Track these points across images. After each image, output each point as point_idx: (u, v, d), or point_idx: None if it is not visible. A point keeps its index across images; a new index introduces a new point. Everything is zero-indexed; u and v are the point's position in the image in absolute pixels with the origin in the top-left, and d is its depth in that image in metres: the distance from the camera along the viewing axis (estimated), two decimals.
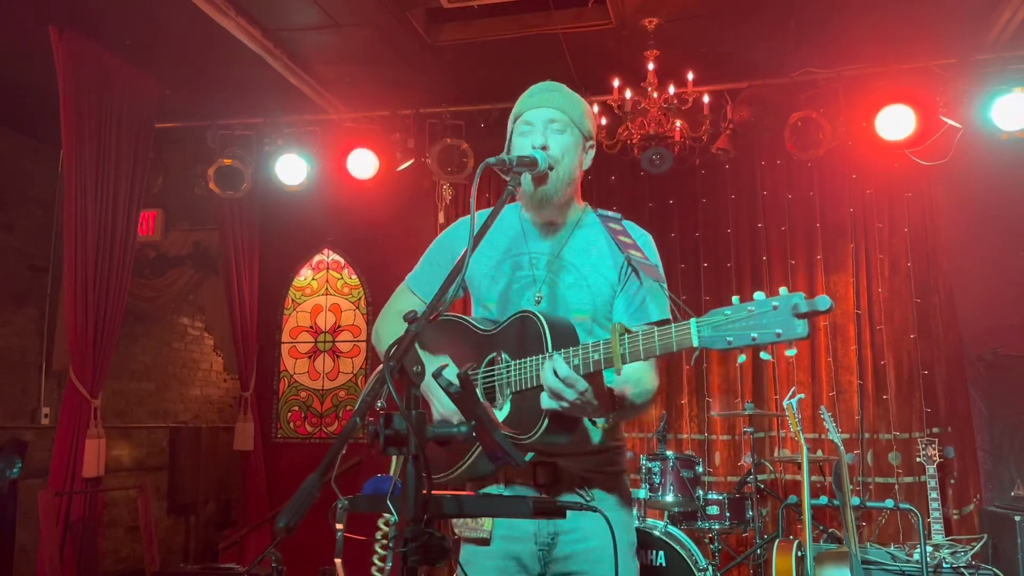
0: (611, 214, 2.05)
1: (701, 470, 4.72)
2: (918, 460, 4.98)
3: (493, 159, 1.84)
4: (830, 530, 4.99)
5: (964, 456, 5.46)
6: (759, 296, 1.41)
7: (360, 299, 6.92)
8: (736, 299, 1.43)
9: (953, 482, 5.43)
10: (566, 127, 1.99)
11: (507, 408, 1.81)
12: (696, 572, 4.04)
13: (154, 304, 7.04)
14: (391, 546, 1.34)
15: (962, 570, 4.23)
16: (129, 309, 5.59)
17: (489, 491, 1.95)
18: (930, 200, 5.81)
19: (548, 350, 1.72)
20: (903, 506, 4.52)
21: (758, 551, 4.82)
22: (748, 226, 6.14)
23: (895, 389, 5.68)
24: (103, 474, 5.15)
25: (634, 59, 5.17)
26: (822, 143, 5.31)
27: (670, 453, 4.67)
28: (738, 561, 5.04)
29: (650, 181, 6.16)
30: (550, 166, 1.93)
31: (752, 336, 1.38)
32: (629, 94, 5.06)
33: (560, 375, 1.64)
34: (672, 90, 5.05)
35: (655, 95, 5.02)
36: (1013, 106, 4.97)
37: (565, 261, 2.00)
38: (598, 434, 1.95)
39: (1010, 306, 5.47)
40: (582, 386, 1.64)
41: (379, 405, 1.48)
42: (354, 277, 6.97)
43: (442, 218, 6.50)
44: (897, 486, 5.56)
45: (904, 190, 5.85)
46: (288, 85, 5.59)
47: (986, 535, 4.94)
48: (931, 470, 4.79)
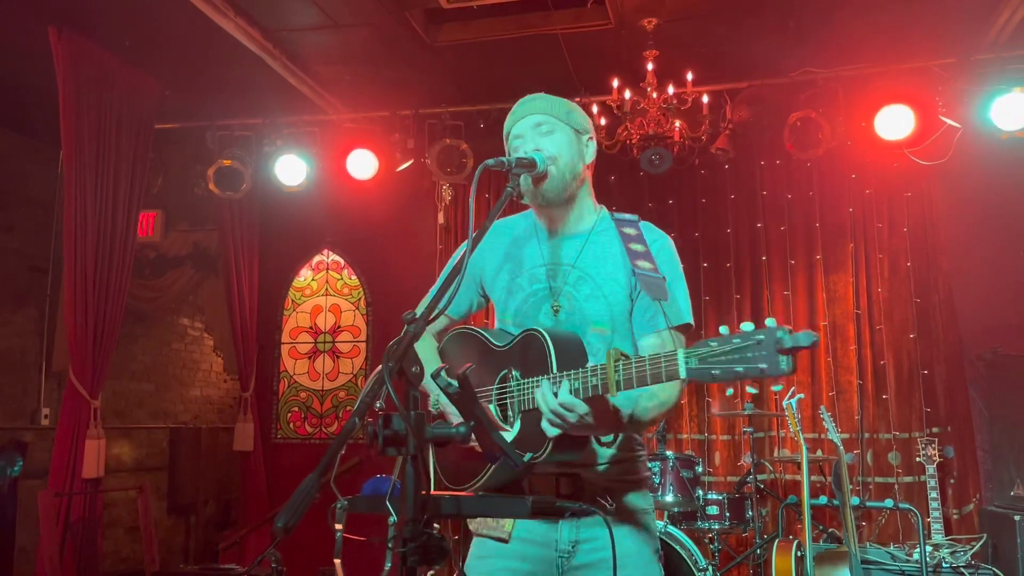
0: (627, 217, 2.04)
1: (701, 470, 4.72)
2: (918, 460, 4.98)
3: (492, 161, 1.84)
4: (830, 530, 4.99)
5: (964, 456, 5.46)
6: (746, 327, 1.40)
7: (360, 299, 6.92)
8: (724, 329, 1.43)
9: (953, 482, 5.43)
10: (554, 127, 1.99)
11: (518, 426, 1.81)
12: (696, 572, 4.05)
13: (154, 305, 7.04)
14: (390, 546, 1.34)
15: (962, 570, 4.23)
16: (129, 310, 5.59)
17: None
18: (929, 200, 5.81)
19: (552, 370, 1.72)
20: (903, 506, 4.52)
21: (758, 551, 4.82)
22: (748, 226, 6.14)
23: (895, 389, 5.68)
24: (103, 475, 5.15)
25: (633, 59, 5.17)
26: (821, 143, 5.31)
27: (670, 453, 4.68)
28: (738, 561, 5.04)
29: (649, 181, 6.16)
30: (549, 164, 1.93)
31: (737, 371, 1.38)
32: (628, 94, 5.06)
33: (559, 400, 1.64)
34: (671, 90, 5.06)
35: (654, 95, 5.02)
36: (1012, 106, 4.97)
37: (581, 271, 1.99)
38: (610, 449, 1.94)
39: (1010, 306, 5.47)
40: (582, 409, 1.64)
41: (378, 406, 1.48)
42: (354, 278, 6.97)
43: (442, 218, 6.50)
44: (897, 486, 5.56)
45: (903, 190, 5.85)
46: (287, 86, 5.59)
47: (986, 535, 4.94)
48: (931, 470, 4.79)
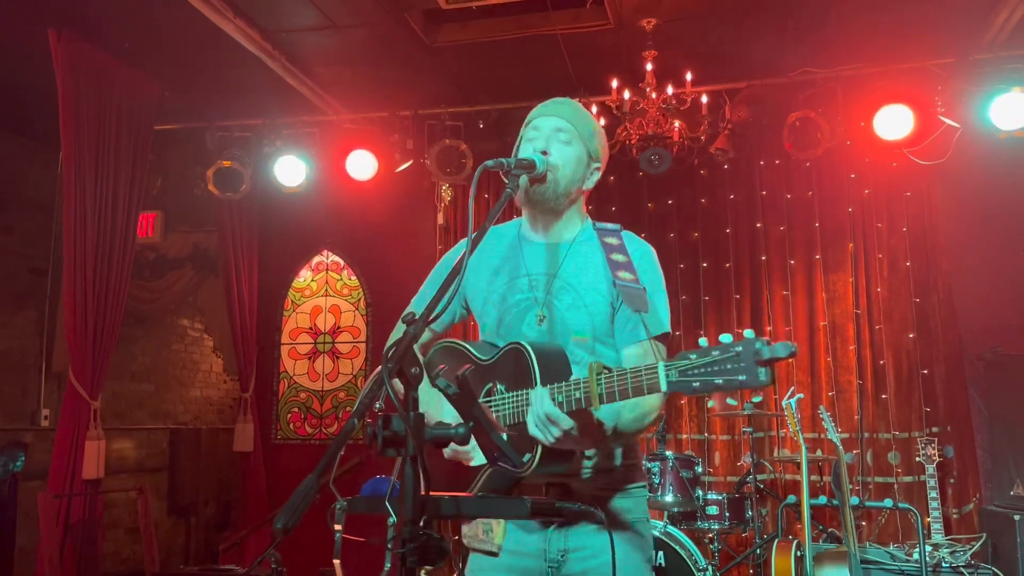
0: (609, 227, 2.03)
1: (700, 470, 4.72)
2: (917, 459, 4.98)
3: (491, 161, 1.83)
4: (829, 530, 5.00)
5: (963, 455, 5.46)
6: (725, 339, 1.41)
7: (359, 300, 6.92)
8: (703, 341, 1.45)
9: (952, 481, 5.43)
10: (572, 139, 1.98)
11: (504, 439, 1.81)
12: (696, 572, 4.05)
13: (154, 306, 7.04)
14: (389, 547, 1.34)
15: (961, 569, 4.24)
16: (129, 311, 5.59)
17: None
18: (929, 199, 5.81)
19: (536, 384, 1.72)
20: (902, 506, 4.52)
21: (757, 551, 4.82)
22: (747, 226, 6.14)
23: (894, 389, 5.68)
24: (103, 476, 5.15)
25: (632, 59, 5.17)
26: (821, 143, 5.31)
27: (669, 453, 4.68)
28: (737, 561, 5.04)
29: (649, 181, 6.17)
30: (548, 171, 1.93)
31: (716, 383, 1.40)
32: (627, 94, 5.06)
33: (545, 412, 1.64)
34: (670, 90, 5.06)
35: (653, 95, 5.02)
36: (1011, 105, 4.98)
37: (563, 281, 1.98)
38: (591, 462, 1.93)
39: (1009, 305, 5.47)
40: (566, 424, 1.64)
41: (377, 406, 1.48)
42: (353, 278, 6.97)
43: (441, 219, 6.51)
44: (896, 486, 5.56)
45: (903, 189, 5.85)
46: (287, 86, 5.59)
47: (985, 534, 4.94)
48: (930, 469, 4.79)
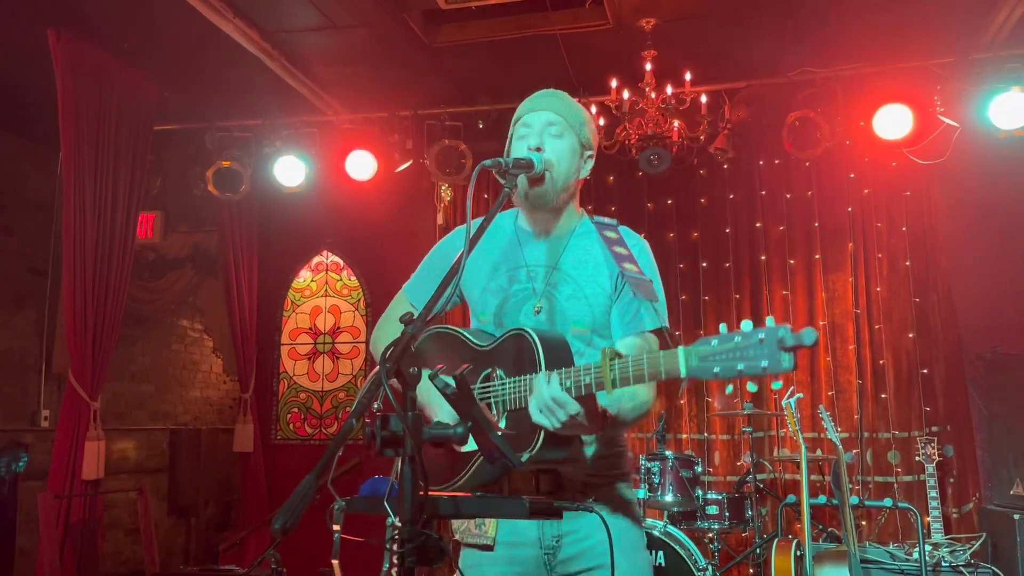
0: (607, 221, 2.04)
1: (700, 470, 4.73)
2: (917, 459, 4.99)
3: (489, 161, 1.84)
4: (829, 529, 5.00)
5: (963, 455, 5.46)
6: (746, 326, 1.41)
7: (359, 300, 6.92)
8: (723, 327, 1.44)
9: (952, 481, 5.43)
10: (564, 131, 1.99)
11: (503, 425, 1.81)
12: (696, 572, 4.05)
13: (154, 306, 7.04)
14: (388, 547, 1.34)
15: (961, 569, 4.24)
16: (129, 311, 5.59)
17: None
18: (928, 199, 5.81)
19: (541, 369, 1.71)
20: (902, 505, 4.53)
21: (757, 551, 4.82)
22: (747, 226, 6.15)
23: (894, 388, 5.69)
24: (103, 476, 5.15)
25: (632, 59, 5.17)
26: (820, 142, 5.32)
27: (669, 453, 4.68)
28: (737, 561, 5.04)
29: (648, 181, 6.17)
30: (546, 169, 1.93)
31: (738, 368, 1.38)
32: (627, 94, 5.06)
33: (551, 396, 1.64)
34: (670, 90, 5.06)
35: (653, 95, 5.02)
36: (1010, 105, 4.98)
37: (563, 272, 1.99)
38: (591, 448, 1.95)
39: (1009, 304, 5.47)
40: (573, 408, 1.63)
41: (376, 407, 1.48)
42: (353, 279, 6.97)
43: (441, 219, 6.51)
44: (896, 485, 5.56)
45: (902, 189, 5.85)
46: (286, 87, 5.59)
47: (985, 534, 4.94)
48: (930, 469, 4.79)
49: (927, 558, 4.17)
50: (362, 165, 5.90)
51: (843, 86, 5.37)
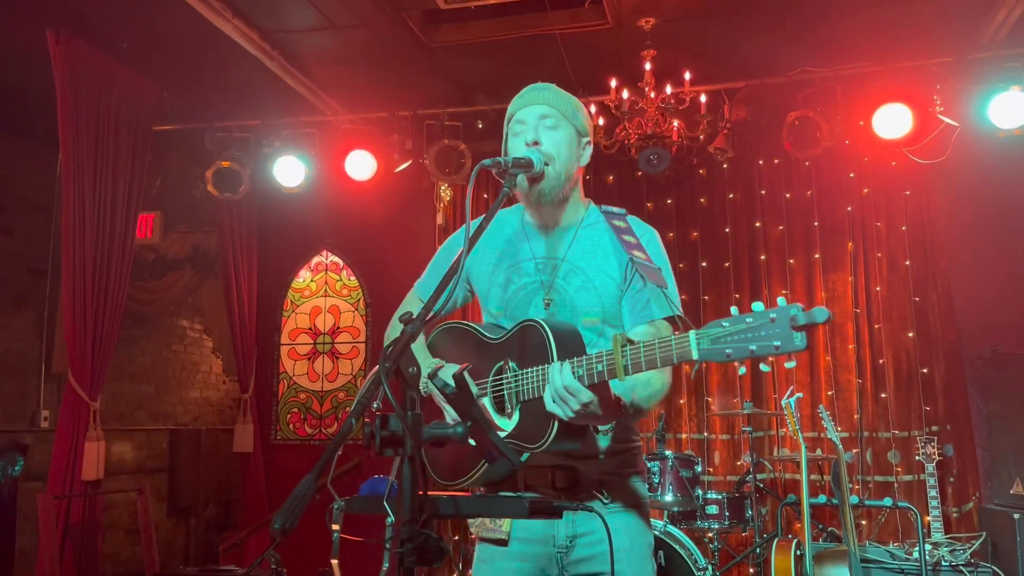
0: (615, 210, 2.04)
1: (700, 469, 4.72)
2: (917, 458, 4.99)
3: (488, 161, 1.84)
4: (829, 529, 5.00)
5: (963, 454, 5.47)
6: (757, 307, 1.40)
7: (359, 300, 6.92)
8: (735, 310, 1.43)
9: (952, 480, 5.43)
10: (559, 123, 1.98)
11: (517, 416, 1.80)
12: (695, 571, 4.05)
13: (153, 307, 7.04)
14: (388, 547, 1.34)
15: (961, 568, 4.24)
16: (128, 312, 5.58)
17: (505, 496, 1.95)
18: (928, 198, 5.81)
19: (553, 359, 1.71)
20: (902, 504, 4.52)
21: (757, 550, 4.82)
22: (746, 225, 6.15)
23: (894, 387, 5.69)
24: (103, 477, 5.15)
25: (631, 59, 5.17)
26: (820, 142, 5.31)
27: (669, 453, 4.68)
28: (737, 560, 5.04)
29: (648, 181, 6.17)
30: (545, 164, 1.93)
31: (751, 349, 1.37)
32: (626, 94, 5.06)
33: (564, 384, 1.64)
34: (669, 90, 5.06)
35: (652, 95, 5.02)
36: (1010, 104, 4.97)
37: (571, 264, 1.99)
38: (606, 439, 1.95)
39: (1008, 303, 5.47)
40: (585, 397, 1.63)
41: (375, 406, 1.48)
42: (353, 279, 6.97)
43: (440, 219, 6.51)
44: (896, 484, 5.56)
45: (902, 188, 5.86)
46: (286, 87, 5.59)
47: (985, 533, 4.94)
48: (930, 468, 4.79)
49: (927, 557, 4.17)
50: (361, 165, 5.89)
51: (843, 85, 5.37)
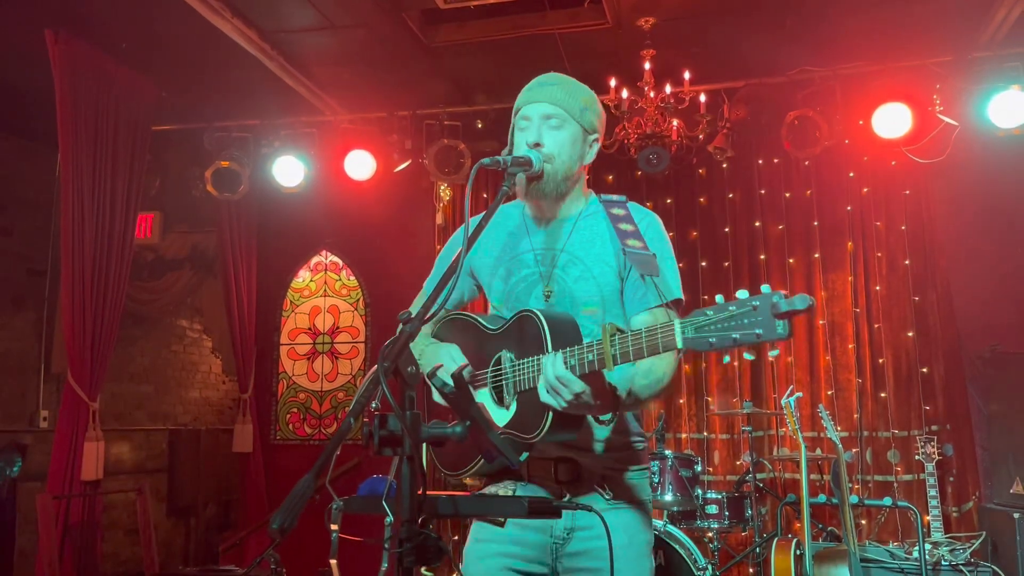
0: (615, 198, 2.04)
1: (700, 469, 4.72)
2: (917, 458, 4.98)
3: (488, 160, 1.84)
4: (829, 528, 4.99)
5: (963, 454, 5.46)
6: (741, 295, 1.41)
7: (358, 300, 6.92)
8: (720, 298, 1.44)
9: (952, 480, 5.43)
10: (563, 122, 1.97)
11: (514, 407, 1.82)
12: (695, 571, 4.04)
13: (153, 307, 7.03)
14: (387, 547, 1.34)
15: (961, 567, 4.24)
16: (128, 312, 5.58)
17: (508, 486, 1.96)
18: (927, 197, 5.81)
19: (548, 350, 1.72)
20: (902, 504, 4.53)
21: (757, 550, 4.82)
22: (746, 225, 6.14)
23: (893, 387, 5.69)
24: (102, 477, 5.15)
25: (630, 59, 5.17)
26: (819, 141, 5.31)
27: (669, 452, 4.67)
28: (737, 560, 5.04)
29: (647, 181, 6.17)
30: (545, 163, 1.93)
31: (734, 337, 1.39)
32: (626, 94, 5.06)
33: (556, 375, 1.65)
34: (669, 89, 5.05)
35: (652, 94, 5.02)
36: (1009, 103, 4.97)
37: (570, 254, 2.00)
38: (605, 431, 1.95)
39: (1008, 303, 5.47)
40: (578, 387, 1.64)
41: (374, 406, 1.48)
42: (352, 278, 6.97)
43: (440, 219, 6.51)
44: (896, 484, 5.56)
45: (901, 188, 5.85)
46: (285, 87, 5.59)
47: (985, 532, 4.94)
48: (930, 468, 4.79)
49: (927, 557, 4.17)
50: (361, 165, 5.89)
51: (842, 85, 5.37)
